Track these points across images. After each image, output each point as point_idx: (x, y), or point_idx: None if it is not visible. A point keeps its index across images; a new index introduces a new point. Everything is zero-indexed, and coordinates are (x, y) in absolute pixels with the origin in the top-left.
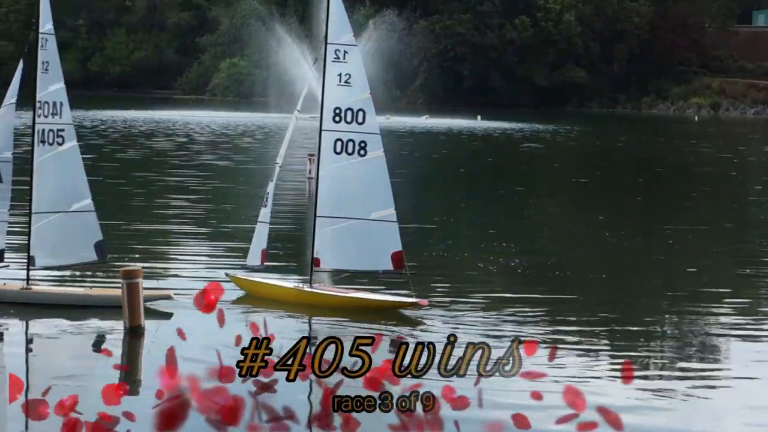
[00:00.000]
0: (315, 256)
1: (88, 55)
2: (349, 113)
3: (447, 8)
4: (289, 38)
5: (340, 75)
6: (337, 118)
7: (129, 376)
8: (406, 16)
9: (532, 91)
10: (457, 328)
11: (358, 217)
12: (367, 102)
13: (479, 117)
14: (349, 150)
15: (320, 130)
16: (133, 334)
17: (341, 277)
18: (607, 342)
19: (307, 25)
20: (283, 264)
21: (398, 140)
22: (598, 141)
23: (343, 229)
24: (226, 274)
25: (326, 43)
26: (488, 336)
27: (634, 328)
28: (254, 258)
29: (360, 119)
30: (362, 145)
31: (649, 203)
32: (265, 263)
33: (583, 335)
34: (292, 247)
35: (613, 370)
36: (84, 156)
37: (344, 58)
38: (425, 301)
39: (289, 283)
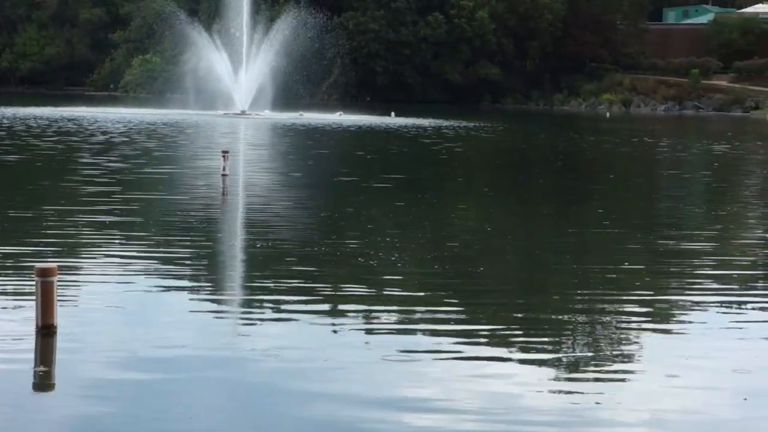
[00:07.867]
0: None
1: None
2: None
3: (361, 5)
4: (204, 35)
5: None
6: None
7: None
8: (317, 14)
9: (446, 87)
10: (373, 330)
11: None
12: None
13: (393, 113)
14: None
15: None
16: (45, 334)
17: None
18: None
19: (220, 22)
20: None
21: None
22: (515, 137)
23: None
24: None
25: None
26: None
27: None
28: None
29: None
30: None
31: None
32: None
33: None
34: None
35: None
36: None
37: None
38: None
39: None
